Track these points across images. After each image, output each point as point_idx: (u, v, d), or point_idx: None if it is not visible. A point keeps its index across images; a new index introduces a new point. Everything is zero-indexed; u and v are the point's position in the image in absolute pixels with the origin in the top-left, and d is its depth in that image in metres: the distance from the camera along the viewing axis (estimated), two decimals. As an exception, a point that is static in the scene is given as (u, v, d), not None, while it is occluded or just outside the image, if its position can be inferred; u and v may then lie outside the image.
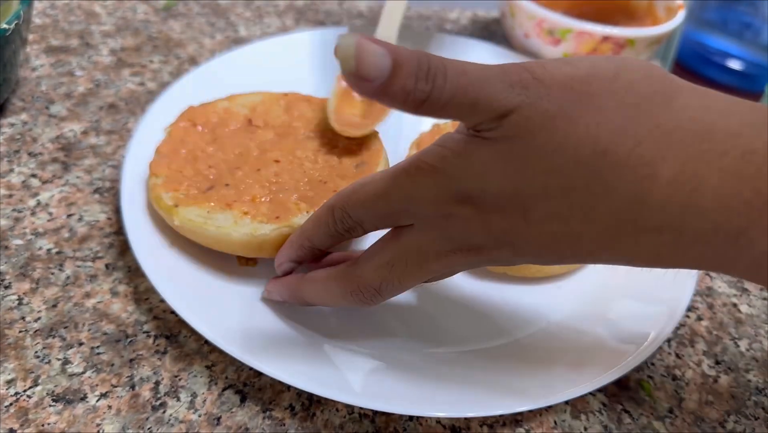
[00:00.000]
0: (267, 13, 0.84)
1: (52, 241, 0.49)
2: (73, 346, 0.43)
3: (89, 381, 0.41)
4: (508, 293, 0.50)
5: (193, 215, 0.44)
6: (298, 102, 0.54)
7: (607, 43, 0.67)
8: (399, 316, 0.47)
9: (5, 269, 0.47)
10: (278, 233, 0.43)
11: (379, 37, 0.46)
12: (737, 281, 0.55)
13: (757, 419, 0.44)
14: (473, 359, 0.44)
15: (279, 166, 0.48)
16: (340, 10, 0.87)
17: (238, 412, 0.41)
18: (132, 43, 0.74)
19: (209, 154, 0.49)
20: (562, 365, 0.43)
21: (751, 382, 0.47)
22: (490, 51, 0.71)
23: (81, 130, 0.60)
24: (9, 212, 0.51)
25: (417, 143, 0.57)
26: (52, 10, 0.77)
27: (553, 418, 0.43)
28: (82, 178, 0.55)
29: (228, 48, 0.75)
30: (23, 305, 0.45)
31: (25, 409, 0.39)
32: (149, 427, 0.39)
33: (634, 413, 0.44)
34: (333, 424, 0.41)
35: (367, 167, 0.47)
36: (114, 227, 0.51)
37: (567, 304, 0.49)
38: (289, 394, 0.42)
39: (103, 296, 0.46)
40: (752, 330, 0.51)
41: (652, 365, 0.47)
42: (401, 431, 0.41)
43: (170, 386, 0.41)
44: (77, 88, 0.65)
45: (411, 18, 0.88)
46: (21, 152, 0.57)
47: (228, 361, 0.43)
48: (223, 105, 0.54)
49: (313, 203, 0.45)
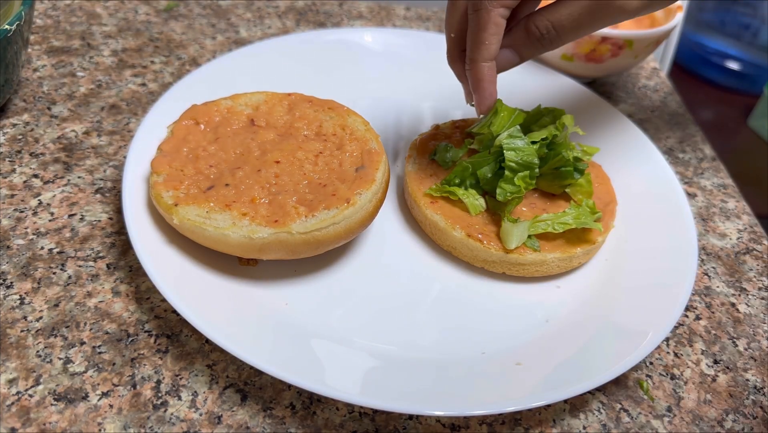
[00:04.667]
0: (268, 14, 0.84)
1: (53, 241, 0.50)
2: (75, 345, 0.43)
3: (91, 380, 0.41)
4: (508, 293, 0.50)
5: (193, 215, 0.44)
6: (300, 102, 0.54)
7: (605, 43, 0.67)
8: (399, 316, 0.47)
9: (7, 269, 0.47)
10: (276, 237, 0.44)
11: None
12: (736, 281, 0.55)
13: (756, 418, 0.45)
14: (472, 358, 0.44)
15: (279, 167, 0.48)
16: (340, 10, 0.87)
17: (239, 411, 0.41)
18: (133, 44, 0.74)
19: (211, 154, 0.49)
20: (561, 363, 0.43)
21: (749, 381, 0.47)
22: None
23: (82, 130, 0.60)
24: (11, 212, 0.51)
25: (417, 144, 0.58)
26: (53, 11, 0.77)
27: (552, 416, 0.43)
28: (83, 179, 0.55)
29: (229, 49, 0.75)
30: (25, 304, 0.45)
31: (27, 408, 0.39)
32: (150, 426, 0.39)
33: (632, 411, 0.44)
34: (333, 422, 0.41)
35: (367, 171, 0.48)
36: (115, 227, 0.52)
37: (566, 303, 0.50)
38: (289, 393, 0.42)
39: (104, 296, 0.46)
40: (750, 329, 0.51)
41: (651, 364, 0.47)
42: (401, 429, 0.41)
43: (171, 385, 0.42)
44: (79, 88, 0.66)
45: (411, 19, 0.88)
46: (23, 153, 0.57)
47: (229, 360, 0.43)
48: (227, 104, 0.54)
49: (311, 207, 0.45)
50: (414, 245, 0.53)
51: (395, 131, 0.64)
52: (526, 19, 0.45)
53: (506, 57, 0.47)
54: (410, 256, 0.52)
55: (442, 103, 0.67)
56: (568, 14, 0.43)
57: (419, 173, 0.55)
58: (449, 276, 0.51)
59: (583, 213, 0.50)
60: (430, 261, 0.52)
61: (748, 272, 0.56)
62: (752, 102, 1.86)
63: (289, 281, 0.48)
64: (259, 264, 0.48)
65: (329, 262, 0.50)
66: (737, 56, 1.86)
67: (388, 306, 0.48)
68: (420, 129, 0.62)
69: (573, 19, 0.43)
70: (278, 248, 0.44)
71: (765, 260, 0.58)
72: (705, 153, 0.71)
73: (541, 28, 0.44)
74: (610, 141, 0.61)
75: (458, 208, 0.52)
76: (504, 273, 0.51)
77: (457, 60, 0.49)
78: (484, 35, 0.44)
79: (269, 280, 0.48)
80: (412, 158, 0.56)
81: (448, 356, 0.44)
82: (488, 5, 0.43)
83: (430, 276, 0.51)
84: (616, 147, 0.61)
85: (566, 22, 0.44)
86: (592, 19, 0.43)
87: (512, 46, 0.46)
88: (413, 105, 0.68)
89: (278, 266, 0.49)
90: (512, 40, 0.46)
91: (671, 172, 0.57)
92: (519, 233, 0.49)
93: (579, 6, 0.43)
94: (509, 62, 0.47)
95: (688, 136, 0.73)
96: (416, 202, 0.53)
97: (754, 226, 0.61)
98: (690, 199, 0.63)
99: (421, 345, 0.45)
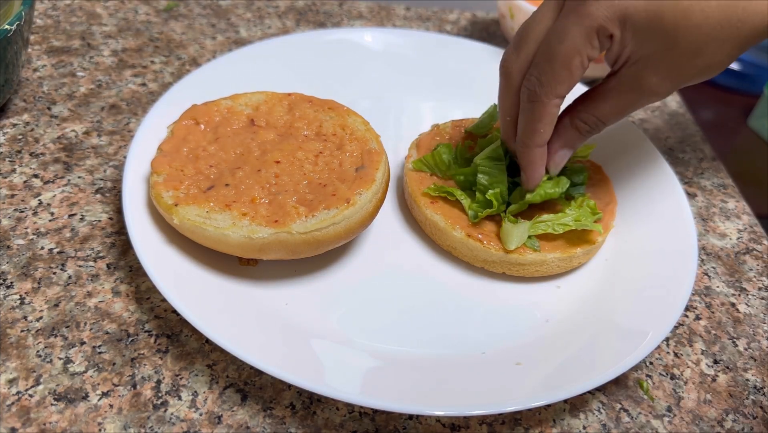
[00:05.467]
0: (268, 14, 0.84)
1: (53, 241, 0.50)
2: (75, 345, 0.43)
3: (91, 380, 0.41)
4: (508, 293, 0.50)
5: (193, 215, 0.44)
6: (300, 102, 0.54)
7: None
8: (399, 316, 0.47)
9: (7, 269, 0.47)
10: (276, 237, 0.44)
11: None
12: (736, 281, 0.55)
13: (756, 418, 0.45)
14: (472, 358, 0.44)
15: (279, 167, 0.48)
16: (340, 10, 0.87)
17: (239, 411, 0.41)
18: (133, 44, 0.74)
19: (211, 154, 0.49)
20: (561, 363, 0.43)
21: (749, 381, 0.47)
22: (489, 52, 0.71)
23: (83, 130, 0.61)
24: (11, 212, 0.51)
25: (417, 144, 0.58)
26: (53, 11, 0.77)
27: (552, 416, 0.43)
28: (83, 179, 0.55)
29: (229, 49, 0.75)
30: (25, 304, 0.45)
31: (27, 408, 0.39)
32: (150, 426, 0.39)
33: (632, 411, 0.44)
34: (333, 422, 0.41)
35: (367, 171, 0.48)
36: (116, 227, 0.52)
37: (566, 303, 0.50)
38: (289, 393, 0.42)
39: (104, 296, 0.46)
40: (750, 329, 0.51)
41: (651, 364, 0.47)
42: (401, 429, 0.41)
43: (171, 385, 0.42)
44: (79, 88, 0.66)
45: (411, 19, 0.88)
46: (23, 153, 0.57)
47: (229, 360, 0.43)
48: (227, 104, 0.54)
49: (311, 207, 0.45)
50: (414, 245, 0.53)
51: (395, 131, 0.64)
52: (571, 116, 0.48)
53: (562, 156, 0.50)
54: (410, 256, 0.52)
55: (442, 103, 0.68)
56: (610, 107, 0.47)
57: (419, 173, 0.55)
58: (449, 276, 0.51)
59: (583, 214, 0.50)
60: (430, 261, 0.52)
61: (748, 272, 0.56)
62: (752, 102, 1.86)
63: (289, 281, 0.48)
64: (259, 264, 0.48)
65: (329, 262, 0.50)
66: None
67: (388, 306, 0.48)
68: (420, 129, 0.62)
69: (616, 111, 0.47)
70: (278, 248, 0.44)
71: (765, 260, 0.58)
72: (705, 153, 0.70)
73: (589, 123, 0.48)
74: (610, 141, 0.61)
75: (458, 209, 0.52)
76: (504, 273, 0.51)
77: (512, 138, 0.50)
78: (539, 126, 0.46)
79: (269, 280, 0.48)
80: (412, 158, 0.56)
81: (448, 356, 0.44)
82: (545, 99, 0.44)
83: (430, 276, 0.51)
84: (616, 147, 0.61)
85: (610, 114, 0.47)
86: (632, 108, 0.47)
87: (565, 145, 0.49)
88: (413, 105, 0.68)
89: (278, 266, 0.49)
90: (565, 141, 0.49)
91: (671, 172, 0.57)
92: (519, 234, 0.49)
93: (621, 101, 0.46)
94: (564, 158, 0.50)
95: (688, 136, 0.73)
96: (416, 202, 0.53)
97: (754, 226, 0.61)
98: (690, 199, 0.63)
99: (421, 345, 0.45)
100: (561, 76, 0.43)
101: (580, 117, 0.48)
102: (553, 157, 0.49)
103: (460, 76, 0.69)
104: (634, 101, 0.46)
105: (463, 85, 0.68)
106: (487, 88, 0.65)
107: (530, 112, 0.46)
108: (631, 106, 0.46)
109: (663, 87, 0.44)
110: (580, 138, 0.49)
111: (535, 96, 0.45)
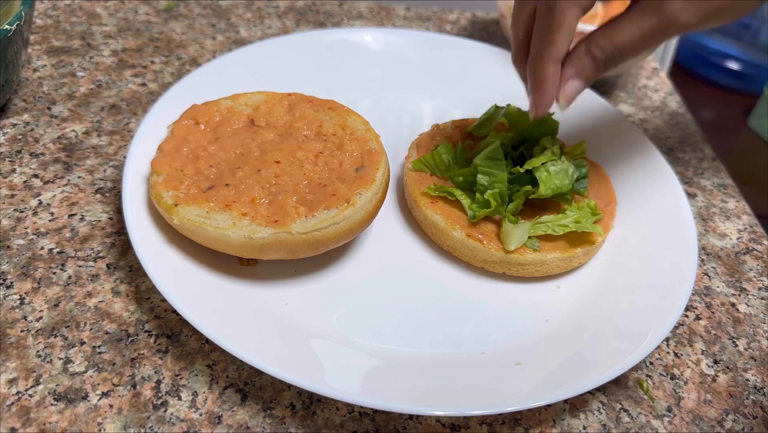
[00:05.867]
0: (268, 15, 0.84)
1: (53, 241, 0.50)
2: (75, 345, 0.43)
3: (91, 380, 0.41)
4: (508, 293, 0.50)
5: (193, 215, 0.44)
6: (300, 102, 0.54)
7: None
8: (399, 316, 0.47)
9: (7, 269, 0.47)
10: (275, 237, 0.44)
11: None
12: (736, 281, 0.55)
13: (756, 418, 0.45)
14: (472, 358, 0.44)
15: (279, 167, 0.48)
16: (340, 10, 0.87)
17: (239, 411, 0.41)
18: (133, 44, 0.74)
19: (211, 154, 0.49)
20: (561, 363, 0.43)
21: (749, 381, 0.47)
22: (489, 52, 0.71)
23: (82, 130, 0.61)
24: (11, 212, 0.51)
25: (417, 144, 0.58)
26: (53, 11, 0.77)
27: (552, 416, 0.43)
28: (83, 179, 0.55)
29: (229, 49, 0.75)
30: (25, 304, 0.45)
31: (27, 408, 0.39)
32: (150, 426, 0.39)
33: (632, 411, 0.44)
34: (333, 422, 0.41)
35: (367, 171, 0.48)
36: (116, 227, 0.52)
37: (566, 303, 0.50)
38: (289, 393, 0.42)
39: (104, 296, 0.46)
40: (750, 329, 0.51)
41: (651, 364, 0.47)
42: (401, 429, 0.41)
43: (171, 385, 0.42)
44: (79, 88, 0.66)
45: (411, 19, 0.88)
46: (23, 153, 0.57)
47: (229, 360, 0.43)
48: (227, 104, 0.54)
49: (311, 207, 0.45)
50: (414, 245, 0.53)
51: (395, 131, 0.64)
52: (587, 42, 0.45)
53: (573, 87, 0.46)
54: (410, 256, 0.52)
55: (442, 103, 0.68)
56: (629, 34, 0.43)
57: (419, 173, 0.55)
58: (449, 276, 0.51)
59: (584, 215, 0.50)
60: (430, 261, 0.52)
61: (748, 272, 0.56)
62: (752, 102, 1.86)
63: (289, 281, 0.48)
64: (259, 264, 0.48)
65: (329, 262, 0.50)
66: (737, 56, 1.86)
67: (388, 306, 0.48)
68: (420, 129, 0.62)
69: (635, 40, 0.43)
70: (278, 248, 0.44)
71: (765, 260, 0.58)
72: (705, 153, 0.71)
73: (605, 51, 0.44)
74: (610, 141, 0.61)
75: (458, 209, 0.52)
76: (504, 273, 0.51)
77: (523, 62, 0.48)
78: (555, 36, 0.43)
79: (269, 280, 0.48)
80: (412, 158, 0.56)
81: (448, 356, 0.44)
82: (563, 5, 0.42)
83: (430, 276, 0.51)
84: (616, 147, 0.61)
85: (629, 42, 0.43)
86: (654, 38, 0.43)
87: (578, 74, 0.45)
88: (413, 105, 0.68)
89: (278, 266, 0.49)
90: (578, 69, 0.45)
91: (671, 172, 0.57)
92: (519, 234, 0.49)
93: (641, 26, 0.43)
94: (577, 91, 0.46)
95: (688, 136, 0.73)
96: (416, 202, 0.53)
97: (754, 226, 0.61)
98: (690, 199, 0.63)
99: (421, 345, 0.45)
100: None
101: (597, 44, 0.44)
102: (565, 85, 0.46)
103: (460, 76, 0.69)
104: (655, 28, 0.42)
105: (463, 85, 0.68)
106: (487, 88, 0.65)
107: (547, 21, 0.43)
108: (651, 35, 0.42)
109: (686, 13, 0.41)
110: (594, 68, 0.45)
111: (553, 4, 0.42)
